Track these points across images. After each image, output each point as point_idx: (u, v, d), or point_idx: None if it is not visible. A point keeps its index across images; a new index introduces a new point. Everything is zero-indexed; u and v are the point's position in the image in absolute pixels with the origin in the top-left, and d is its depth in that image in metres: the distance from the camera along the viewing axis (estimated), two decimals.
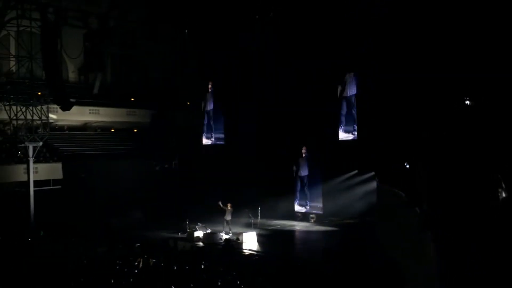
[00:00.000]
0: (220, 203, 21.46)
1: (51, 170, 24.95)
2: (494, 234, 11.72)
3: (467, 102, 16.49)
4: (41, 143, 23.41)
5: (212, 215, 22.55)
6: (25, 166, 23.36)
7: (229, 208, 21.38)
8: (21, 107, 23.11)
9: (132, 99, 31.44)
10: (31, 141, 23.02)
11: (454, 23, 16.42)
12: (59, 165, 25.26)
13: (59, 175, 25.05)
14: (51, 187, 24.39)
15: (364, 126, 22.29)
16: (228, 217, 21.41)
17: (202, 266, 14.14)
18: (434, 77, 16.98)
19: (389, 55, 20.07)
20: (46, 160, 25.17)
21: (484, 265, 11.23)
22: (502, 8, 14.56)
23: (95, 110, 29.22)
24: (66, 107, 24.50)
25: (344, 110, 23.01)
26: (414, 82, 18.03)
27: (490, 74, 14.79)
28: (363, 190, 23.48)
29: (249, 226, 23.00)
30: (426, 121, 17.38)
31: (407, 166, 19.36)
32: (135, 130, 31.81)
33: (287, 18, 24.36)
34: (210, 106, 27.77)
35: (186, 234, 21.12)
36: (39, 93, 23.62)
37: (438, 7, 17.00)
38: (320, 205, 24.74)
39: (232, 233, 21.03)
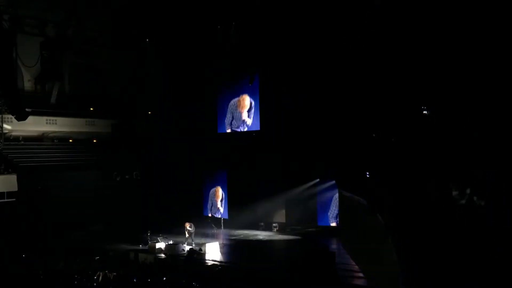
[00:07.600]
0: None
1: (5, 182, 23.71)
2: (452, 238, 12.04)
3: (425, 112, 16.90)
4: None
5: (174, 226, 22.26)
6: None
7: (188, 228, 21.01)
8: None
9: (91, 109, 30.75)
10: None
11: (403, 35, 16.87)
12: (13, 177, 24.16)
13: (14, 187, 24.02)
14: (5, 200, 23.41)
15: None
16: (190, 233, 21.10)
17: (164, 279, 13.87)
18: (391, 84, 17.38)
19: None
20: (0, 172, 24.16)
21: (441, 266, 11.52)
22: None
23: (52, 120, 28.32)
24: (21, 117, 23.68)
25: None
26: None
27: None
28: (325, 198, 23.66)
29: (212, 237, 22.83)
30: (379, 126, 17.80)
31: (368, 175, 19.67)
32: (95, 141, 31.09)
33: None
34: None
35: (147, 246, 20.69)
36: None
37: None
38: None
39: (195, 243, 20.76)
